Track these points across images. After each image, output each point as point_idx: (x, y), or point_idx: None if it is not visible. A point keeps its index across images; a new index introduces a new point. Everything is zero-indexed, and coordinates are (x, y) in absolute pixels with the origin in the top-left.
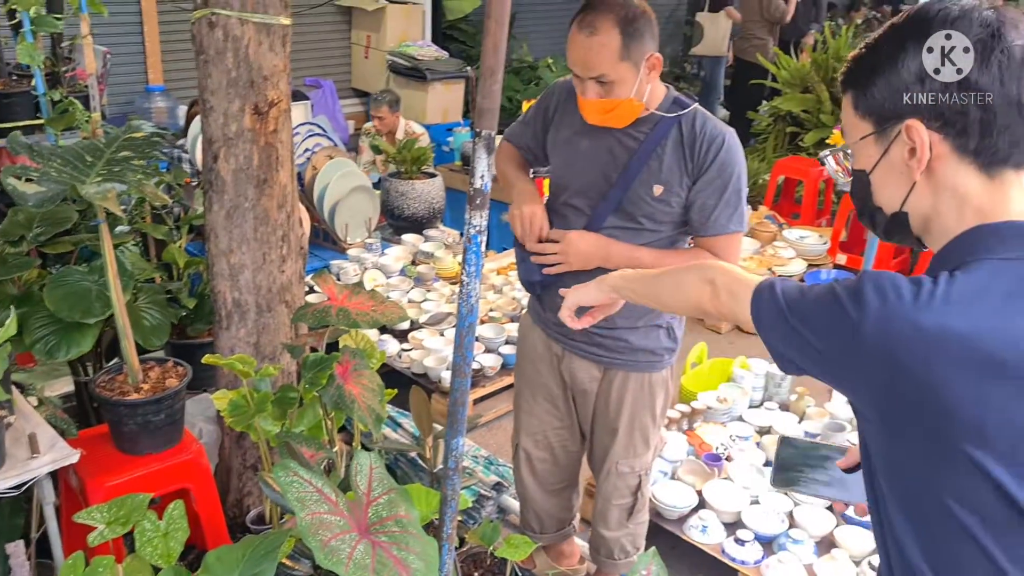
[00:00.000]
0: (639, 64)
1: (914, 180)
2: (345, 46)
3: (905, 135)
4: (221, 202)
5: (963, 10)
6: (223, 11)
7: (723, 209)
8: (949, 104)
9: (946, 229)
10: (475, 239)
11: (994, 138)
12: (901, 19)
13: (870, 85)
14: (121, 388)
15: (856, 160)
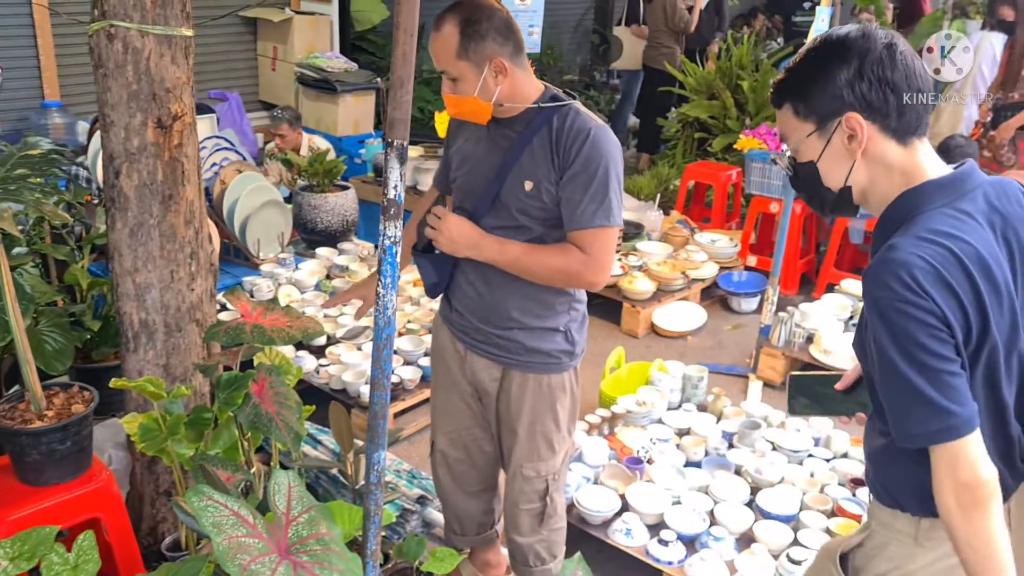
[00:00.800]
0: (481, 65)
1: (855, 159)
2: (251, 58)
3: (845, 125)
4: (124, 219)
5: (863, 31)
6: (122, 23)
7: (588, 203)
8: (874, 97)
9: (883, 193)
10: (390, 250)
11: (906, 116)
12: (819, 44)
13: (808, 94)
14: (23, 416)
15: (802, 155)
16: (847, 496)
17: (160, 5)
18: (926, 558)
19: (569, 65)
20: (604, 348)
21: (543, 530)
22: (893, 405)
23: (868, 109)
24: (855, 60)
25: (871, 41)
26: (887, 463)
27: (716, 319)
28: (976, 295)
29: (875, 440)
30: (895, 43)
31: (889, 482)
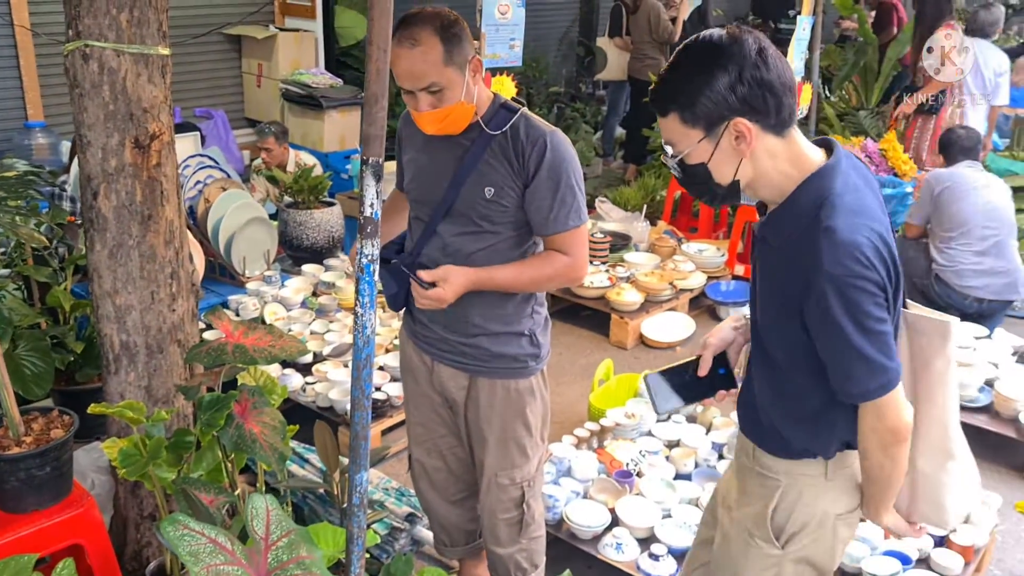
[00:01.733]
0: (463, 67)
1: (743, 157)
2: (236, 75)
3: (732, 128)
4: (103, 241)
5: (734, 37)
6: (97, 43)
7: (559, 208)
8: (755, 100)
9: (774, 180)
10: (367, 268)
11: (782, 113)
12: (694, 52)
13: (693, 102)
14: (1, 442)
15: (692, 158)
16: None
17: (136, 24)
18: (833, 490)
19: (555, 77)
20: (593, 360)
21: (522, 539)
22: (839, 367)
23: (751, 111)
24: (734, 66)
25: (745, 47)
26: (808, 420)
27: (704, 329)
28: (892, 259)
29: (788, 401)
30: (764, 46)
31: (805, 435)
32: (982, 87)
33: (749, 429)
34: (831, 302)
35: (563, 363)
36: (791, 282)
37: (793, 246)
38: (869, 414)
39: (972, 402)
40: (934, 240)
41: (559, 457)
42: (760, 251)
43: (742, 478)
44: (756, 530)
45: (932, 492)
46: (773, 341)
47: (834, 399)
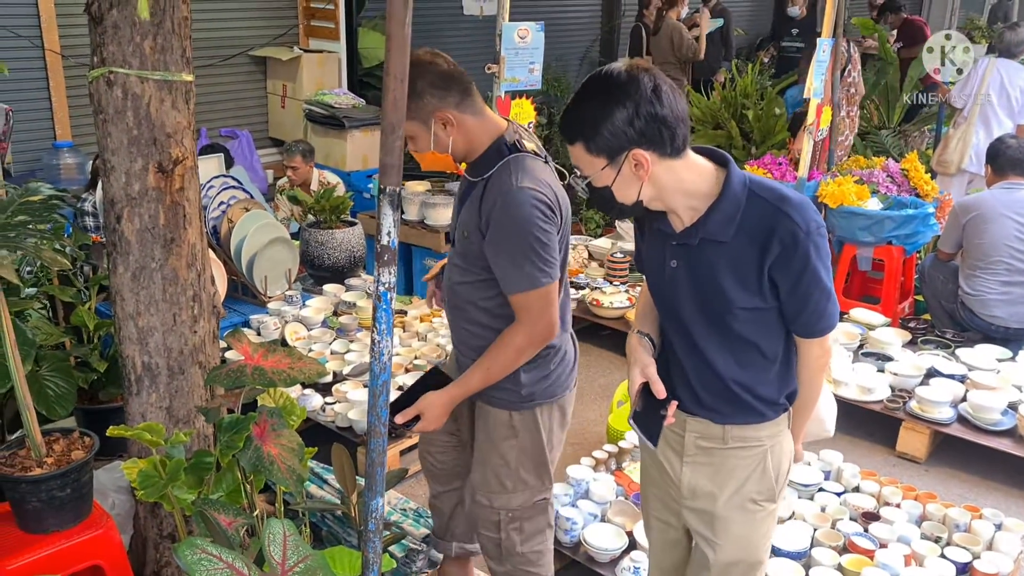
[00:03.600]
0: (427, 121)
1: (642, 182)
2: (261, 96)
3: (632, 158)
4: (126, 264)
5: (630, 75)
6: (121, 69)
7: (509, 269)
8: (650, 132)
9: (678, 189)
10: (384, 296)
11: (676, 141)
12: (596, 86)
13: (596, 135)
14: (23, 463)
15: (597, 182)
16: (859, 531)
17: (160, 51)
18: (789, 433)
19: None
20: (612, 380)
21: (506, 564)
22: (814, 310)
23: (647, 142)
24: (630, 103)
25: (640, 84)
26: (776, 375)
27: None
28: None
29: (759, 367)
30: (658, 83)
31: (777, 390)
32: (1007, 107)
33: (723, 415)
34: (811, 255)
35: (582, 383)
36: (756, 259)
37: (751, 229)
38: (816, 346)
39: (995, 425)
40: (963, 266)
41: (577, 479)
42: (694, 255)
43: (710, 464)
44: (759, 496)
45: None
46: (743, 320)
47: (788, 349)
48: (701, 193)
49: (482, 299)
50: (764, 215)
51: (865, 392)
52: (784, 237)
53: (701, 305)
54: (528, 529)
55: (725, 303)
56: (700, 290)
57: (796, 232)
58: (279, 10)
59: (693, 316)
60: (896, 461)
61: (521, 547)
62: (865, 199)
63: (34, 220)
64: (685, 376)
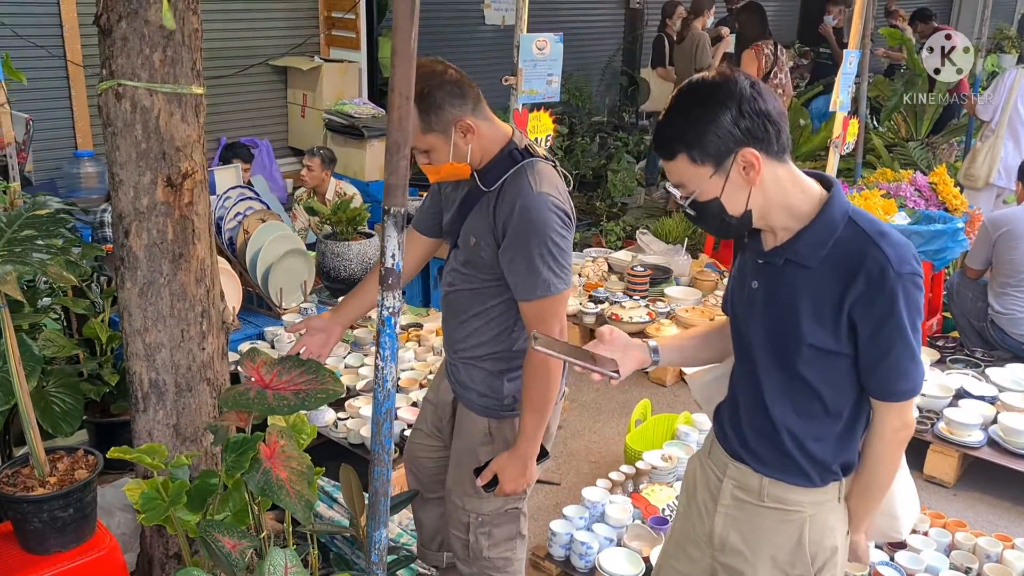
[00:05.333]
0: (446, 131)
1: (753, 185)
2: (281, 105)
3: (740, 159)
4: (134, 279)
5: (725, 76)
6: (130, 82)
7: (524, 276)
8: (757, 130)
9: (783, 204)
10: (388, 321)
11: (782, 138)
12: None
13: (700, 141)
14: (25, 483)
15: (704, 195)
16: (885, 560)
17: (169, 63)
18: (845, 512)
19: (598, 107)
20: (631, 397)
21: (473, 566)
22: (894, 367)
23: (755, 141)
24: (733, 102)
25: (738, 83)
26: (837, 436)
27: None
28: None
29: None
30: (755, 81)
31: (833, 454)
32: None
33: (766, 464)
34: (899, 299)
35: (600, 400)
36: (838, 292)
37: (839, 258)
38: (895, 414)
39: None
40: (993, 284)
41: (592, 502)
42: (776, 276)
43: (743, 520)
44: (792, 568)
45: (886, 504)
46: (809, 359)
47: (858, 410)
48: (802, 212)
49: (481, 307)
50: (857, 246)
51: None
52: (872, 272)
53: (771, 334)
54: (497, 535)
55: (796, 336)
56: (774, 316)
57: (886, 269)
58: (300, 20)
59: (761, 345)
60: (923, 485)
61: (488, 552)
62: (892, 213)
63: (41, 234)
64: (738, 412)
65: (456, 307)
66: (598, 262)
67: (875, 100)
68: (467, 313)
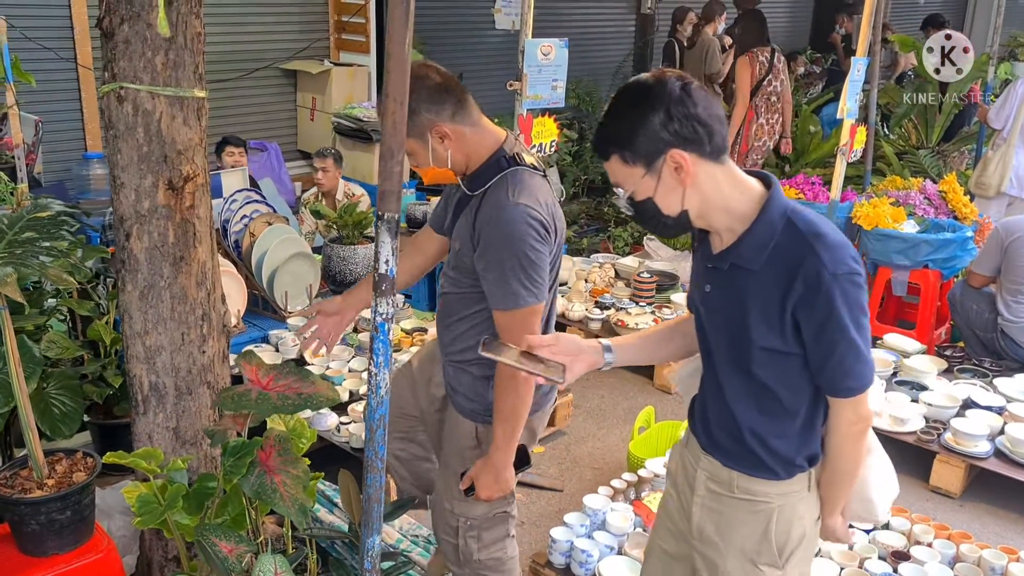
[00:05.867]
0: (423, 137)
1: (685, 187)
2: (290, 108)
3: (670, 160)
4: (135, 282)
5: (658, 78)
6: (132, 85)
7: (495, 286)
8: (686, 131)
9: (725, 205)
10: (382, 327)
11: (714, 139)
12: (626, 95)
13: (631, 143)
14: (23, 484)
15: (639, 195)
16: (888, 572)
17: (172, 66)
18: (815, 500)
19: None
20: (636, 404)
21: (465, 568)
22: (839, 365)
23: (685, 142)
24: (662, 104)
25: (668, 85)
26: (797, 431)
27: None
28: None
29: (778, 417)
30: (688, 83)
31: (795, 448)
32: None
33: (733, 458)
34: (836, 300)
35: (605, 406)
36: (780, 294)
37: (780, 261)
38: (849, 408)
39: None
40: (1001, 292)
41: (593, 509)
42: (725, 280)
43: (717, 511)
44: (759, 557)
45: (859, 489)
46: (761, 360)
47: (815, 406)
48: (742, 213)
49: (467, 311)
50: (794, 248)
51: (897, 423)
52: (809, 275)
53: (726, 337)
54: (486, 538)
55: (747, 339)
56: (727, 320)
57: (821, 272)
58: (310, 23)
59: (719, 348)
60: (929, 496)
61: (478, 555)
62: (901, 221)
63: (43, 236)
64: (705, 411)
65: (446, 310)
66: (605, 268)
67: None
68: (454, 316)
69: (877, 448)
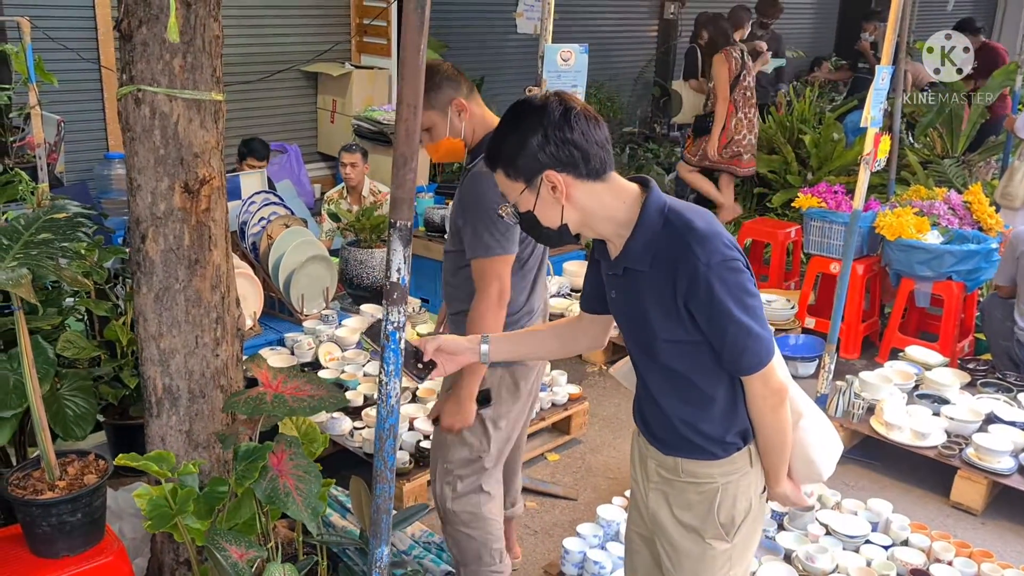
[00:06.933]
0: (444, 109)
1: (562, 204)
2: (311, 111)
3: (546, 180)
4: (150, 284)
5: (542, 102)
6: (150, 87)
7: (470, 236)
8: (562, 155)
9: (604, 215)
10: (393, 336)
11: (591, 163)
12: (512, 115)
13: (514, 161)
14: (35, 486)
15: (521, 207)
16: None
17: (189, 69)
18: (757, 472)
19: (629, 118)
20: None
21: (447, 524)
22: (733, 345)
23: (560, 164)
24: (540, 128)
25: (549, 110)
26: (720, 413)
27: None
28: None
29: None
30: (570, 107)
31: (724, 428)
32: None
33: (671, 447)
34: (715, 289)
35: (620, 415)
36: (670, 290)
37: (663, 259)
38: (757, 382)
39: None
40: (1019, 302)
41: (607, 520)
42: (624, 284)
43: (668, 494)
44: (706, 532)
45: (799, 451)
46: (671, 353)
47: (732, 386)
48: (626, 220)
49: (458, 268)
50: (672, 245)
51: (919, 437)
52: (687, 270)
53: (636, 336)
54: (460, 489)
55: (652, 334)
56: (633, 320)
57: (696, 265)
58: (331, 26)
59: (633, 348)
60: (950, 512)
61: (451, 503)
62: (925, 232)
63: (58, 238)
64: (640, 405)
65: (446, 267)
66: None
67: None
68: (449, 273)
69: (811, 412)
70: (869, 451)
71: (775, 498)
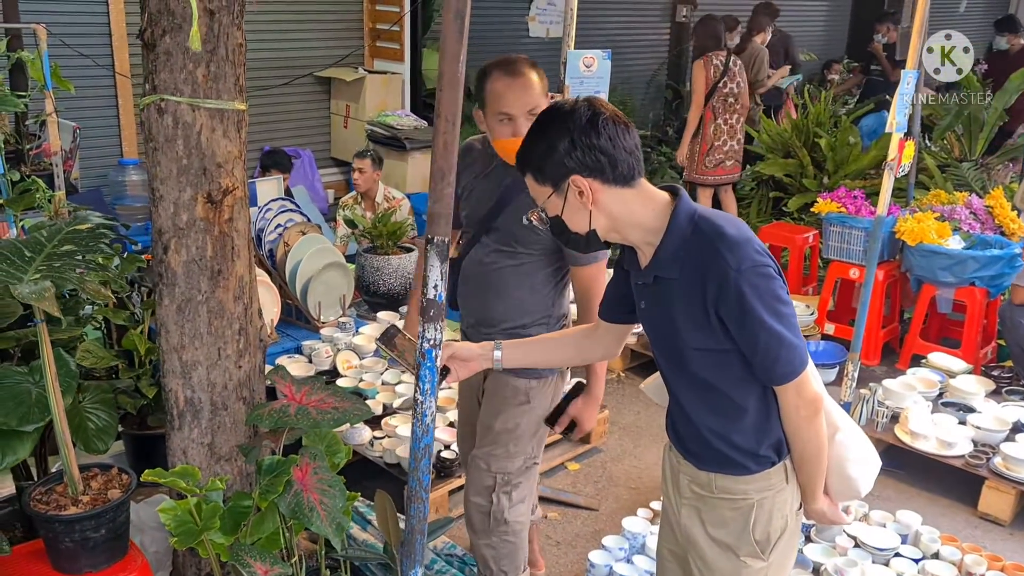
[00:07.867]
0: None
1: (590, 209)
2: (324, 116)
3: (573, 185)
4: (172, 295)
5: (571, 106)
6: (172, 97)
7: None
8: (588, 160)
9: (637, 222)
10: (429, 354)
11: (618, 168)
12: (542, 120)
13: (541, 165)
14: (58, 501)
15: (549, 211)
16: None
17: (212, 79)
18: (794, 491)
19: (642, 120)
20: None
21: (492, 535)
22: (765, 354)
23: (587, 170)
24: (567, 134)
25: (577, 116)
26: (753, 425)
27: None
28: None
29: (731, 414)
30: (598, 113)
31: (757, 442)
32: None
33: (705, 461)
34: (747, 295)
35: (641, 423)
36: (700, 297)
37: (693, 265)
38: (791, 392)
39: None
40: None
41: (632, 533)
42: (654, 293)
43: (701, 510)
44: (741, 550)
45: (835, 466)
46: (701, 363)
47: (764, 396)
48: (655, 227)
49: (524, 280)
50: (702, 251)
51: (944, 446)
52: (718, 276)
53: (665, 346)
54: (516, 497)
55: (681, 344)
56: (662, 329)
57: (727, 271)
58: (345, 31)
59: (663, 358)
60: (978, 523)
61: (508, 513)
62: (946, 237)
63: (80, 250)
64: (672, 419)
65: (497, 284)
66: None
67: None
68: (509, 287)
69: (847, 425)
70: (893, 459)
71: (811, 515)
